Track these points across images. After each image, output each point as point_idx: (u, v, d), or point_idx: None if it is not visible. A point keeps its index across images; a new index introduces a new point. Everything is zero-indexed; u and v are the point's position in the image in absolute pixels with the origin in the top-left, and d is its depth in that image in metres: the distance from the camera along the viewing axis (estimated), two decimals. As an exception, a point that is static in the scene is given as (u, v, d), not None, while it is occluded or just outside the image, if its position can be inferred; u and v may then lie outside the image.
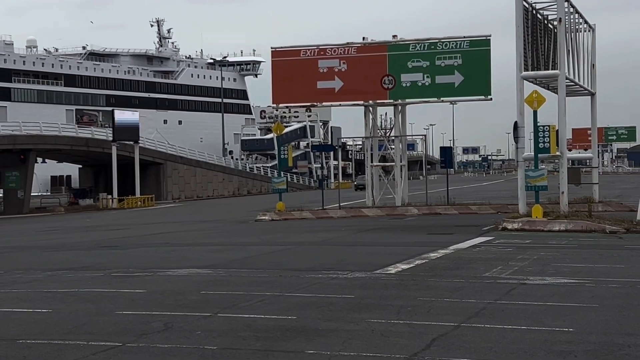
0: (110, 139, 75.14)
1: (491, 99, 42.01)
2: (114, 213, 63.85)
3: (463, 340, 11.61)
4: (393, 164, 46.94)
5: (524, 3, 33.98)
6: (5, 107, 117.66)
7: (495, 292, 15.71)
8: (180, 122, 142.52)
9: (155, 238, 33.93)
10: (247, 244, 29.01)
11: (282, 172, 48.58)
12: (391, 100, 44.64)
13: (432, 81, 42.37)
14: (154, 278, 19.51)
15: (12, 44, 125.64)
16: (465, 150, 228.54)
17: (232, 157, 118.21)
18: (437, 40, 42.57)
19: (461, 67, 41.85)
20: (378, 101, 45.35)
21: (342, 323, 13.04)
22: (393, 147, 46.66)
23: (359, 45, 44.07)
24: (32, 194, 74.81)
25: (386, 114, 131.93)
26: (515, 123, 33.92)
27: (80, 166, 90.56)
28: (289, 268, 20.58)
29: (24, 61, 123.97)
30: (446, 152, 53.61)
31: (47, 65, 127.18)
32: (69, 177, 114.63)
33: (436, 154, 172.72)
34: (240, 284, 17.82)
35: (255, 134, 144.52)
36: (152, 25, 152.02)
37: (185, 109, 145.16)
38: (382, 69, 42.96)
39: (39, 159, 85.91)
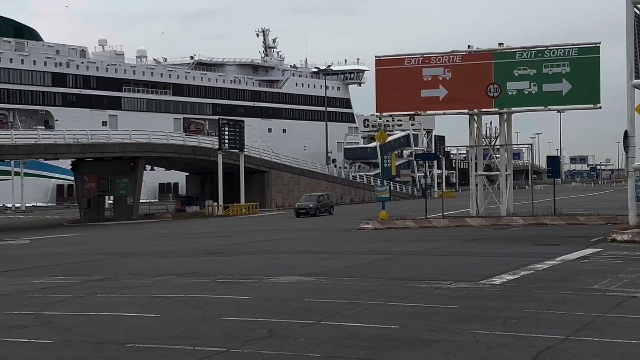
0: (217, 147, 76.32)
1: (600, 108, 41.12)
2: (220, 220, 64.86)
3: (570, 354, 11.38)
4: (498, 173, 46.37)
5: (635, 10, 33.12)
6: (116, 115, 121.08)
7: (604, 305, 15.35)
8: (284, 131, 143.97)
9: (259, 245, 34.33)
10: (350, 252, 29.06)
11: (385, 181, 48.50)
12: (496, 109, 44.14)
13: (539, 89, 41.76)
14: (258, 285, 19.74)
15: (123, 54, 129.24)
16: (573, 160, 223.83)
17: (335, 166, 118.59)
18: (544, 48, 41.93)
19: (569, 75, 41.12)
20: (483, 110, 44.88)
21: (446, 333, 12.94)
22: (498, 156, 46.12)
23: (464, 53, 43.71)
24: (140, 201, 76.76)
25: (491, 122, 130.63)
26: (626, 132, 33.10)
27: (187, 174, 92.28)
28: (392, 277, 20.52)
29: (134, 71, 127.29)
30: (553, 161, 52.52)
31: (156, 74, 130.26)
32: (176, 184, 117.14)
33: (542, 163, 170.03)
34: (343, 292, 17.87)
35: (358, 143, 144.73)
36: (257, 35, 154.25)
37: (290, 118, 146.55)
38: (488, 77, 42.54)
39: (148, 167, 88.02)
